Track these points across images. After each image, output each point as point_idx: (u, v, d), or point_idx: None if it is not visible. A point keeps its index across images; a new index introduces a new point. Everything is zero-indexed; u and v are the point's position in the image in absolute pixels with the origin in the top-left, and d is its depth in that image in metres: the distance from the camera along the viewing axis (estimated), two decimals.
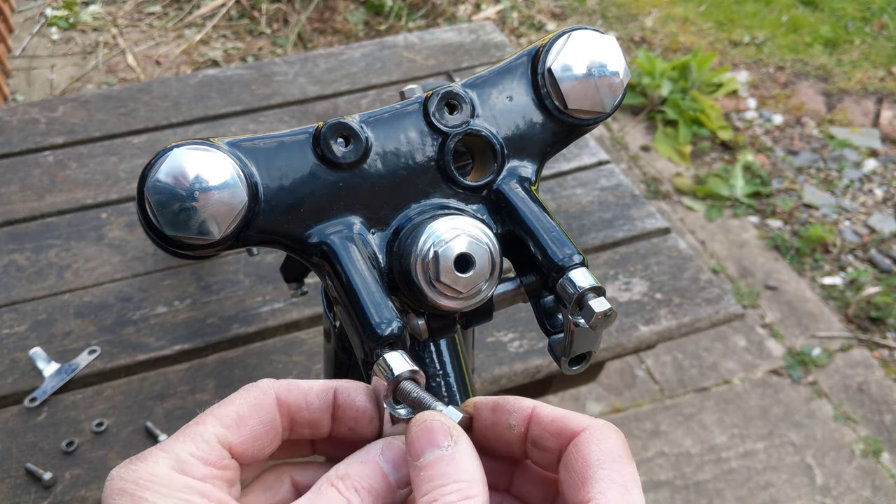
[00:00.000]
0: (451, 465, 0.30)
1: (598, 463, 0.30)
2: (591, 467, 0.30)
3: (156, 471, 0.29)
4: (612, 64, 0.43)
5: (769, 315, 1.97)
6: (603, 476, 0.29)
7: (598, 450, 0.30)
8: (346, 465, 0.32)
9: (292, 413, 0.34)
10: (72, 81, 2.53)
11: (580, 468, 0.30)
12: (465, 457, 0.30)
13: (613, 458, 0.30)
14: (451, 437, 0.31)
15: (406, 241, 0.39)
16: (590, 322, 0.38)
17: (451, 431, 0.31)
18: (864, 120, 2.63)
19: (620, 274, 1.12)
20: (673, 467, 1.62)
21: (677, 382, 1.79)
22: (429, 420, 0.31)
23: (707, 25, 3.06)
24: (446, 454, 0.30)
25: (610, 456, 0.30)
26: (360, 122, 0.41)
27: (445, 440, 0.30)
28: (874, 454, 1.67)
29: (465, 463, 0.30)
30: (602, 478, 0.29)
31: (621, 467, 0.30)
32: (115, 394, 0.94)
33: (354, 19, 2.89)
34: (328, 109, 1.39)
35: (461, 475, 0.29)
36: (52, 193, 1.20)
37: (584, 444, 0.31)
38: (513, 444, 0.33)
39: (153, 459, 0.30)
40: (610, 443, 0.30)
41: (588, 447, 0.30)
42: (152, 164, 0.36)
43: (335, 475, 0.32)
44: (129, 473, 0.29)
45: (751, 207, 2.29)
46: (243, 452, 0.32)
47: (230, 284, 1.08)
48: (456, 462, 0.30)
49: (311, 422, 0.34)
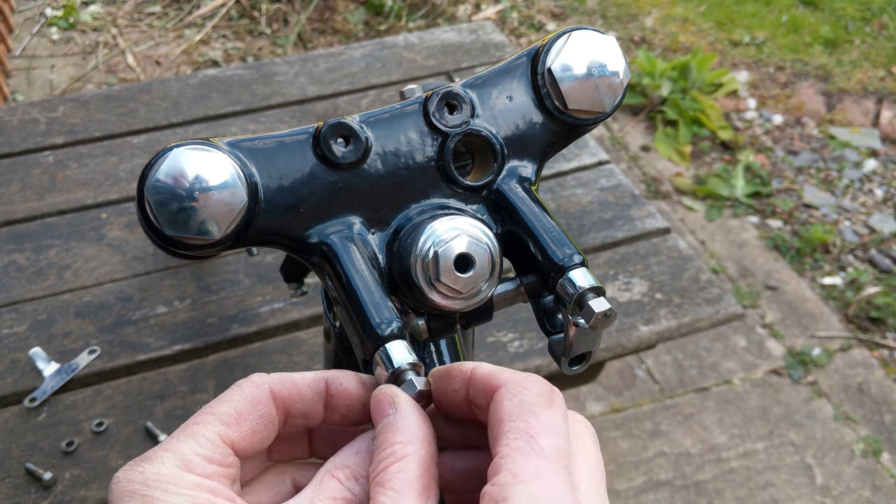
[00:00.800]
0: (391, 431, 0.31)
1: (509, 416, 0.30)
2: (503, 421, 0.30)
3: (163, 470, 0.30)
4: (612, 64, 0.43)
5: (769, 315, 1.97)
6: (510, 428, 0.29)
7: (510, 403, 0.30)
8: (343, 455, 0.33)
9: (287, 405, 0.34)
10: (72, 81, 2.53)
11: (494, 423, 0.30)
12: (403, 420, 0.32)
13: (524, 408, 0.30)
14: (393, 405, 0.32)
15: (406, 241, 0.39)
16: (590, 322, 0.38)
17: (393, 400, 0.32)
18: (864, 120, 2.63)
19: (620, 274, 1.12)
20: (673, 467, 1.62)
21: (677, 382, 1.79)
22: (377, 393, 0.33)
23: (707, 25, 3.06)
24: (389, 421, 0.32)
25: (520, 407, 0.30)
26: (360, 122, 0.41)
27: (389, 408, 0.32)
28: (874, 454, 1.67)
29: (403, 425, 0.31)
30: (508, 430, 0.29)
31: (530, 416, 0.29)
32: (115, 394, 0.94)
33: (354, 19, 2.89)
34: (328, 109, 1.39)
35: (397, 437, 0.31)
36: (52, 193, 1.20)
37: (499, 398, 0.31)
38: (460, 406, 0.34)
39: (159, 460, 0.30)
40: (524, 394, 0.30)
41: (502, 402, 0.30)
42: (152, 164, 0.36)
43: (333, 466, 0.32)
44: (136, 475, 0.29)
45: (751, 207, 2.29)
46: (245, 448, 0.33)
47: (230, 284, 1.08)
48: (395, 426, 0.31)
49: (304, 412, 0.35)
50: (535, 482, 0.27)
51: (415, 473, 0.30)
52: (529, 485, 0.27)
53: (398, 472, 0.30)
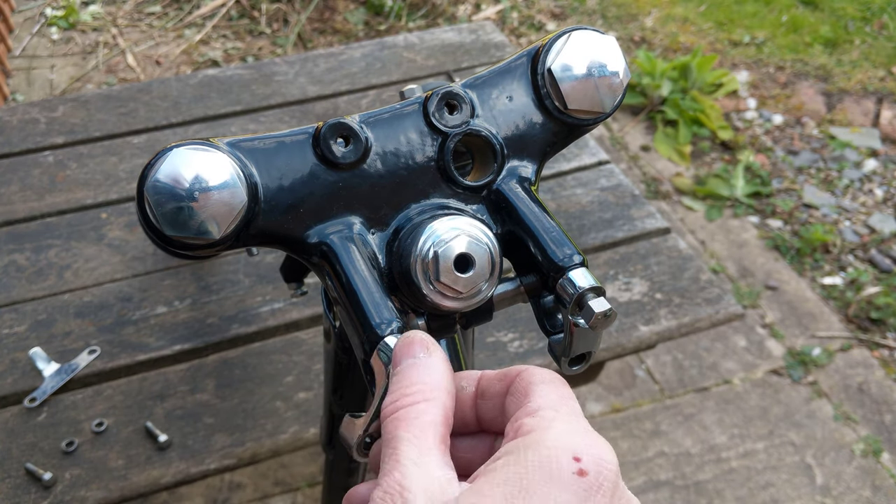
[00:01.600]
0: (420, 370, 0.32)
1: (540, 380, 0.32)
2: (534, 384, 0.32)
3: None
4: (612, 64, 0.43)
5: (769, 315, 1.97)
6: (543, 389, 0.31)
7: (540, 376, 0.32)
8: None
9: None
10: (72, 81, 2.53)
11: (524, 386, 0.32)
12: (435, 365, 0.32)
13: (553, 380, 0.32)
14: (427, 350, 0.33)
15: (406, 241, 0.39)
16: (590, 322, 0.38)
17: (427, 345, 0.33)
18: (864, 120, 2.63)
19: (620, 274, 1.12)
20: (673, 467, 1.62)
21: (677, 382, 1.79)
22: (410, 335, 0.33)
23: (707, 25, 3.06)
24: (419, 361, 0.32)
25: (550, 378, 0.32)
26: (360, 122, 0.41)
27: (421, 351, 0.33)
28: (874, 454, 1.67)
29: (433, 369, 0.32)
30: (542, 390, 0.31)
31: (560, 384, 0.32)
32: (115, 394, 0.94)
33: (354, 19, 2.89)
34: (328, 109, 1.39)
35: (425, 378, 0.31)
36: (52, 193, 1.20)
37: (527, 373, 0.32)
38: (466, 406, 0.34)
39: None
40: (550, 375, 0.32)
41: (531, 375, 0.32)
42: (152, 164, 0.36)
43: None
44: None
45: (751, 207, 2.29)
46: None
47: (230, 284, 1.07)
48: (425, 367, 0.32)
49: None
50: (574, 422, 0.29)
51: (437, 420, 0.30)
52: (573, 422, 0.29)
53: (423, 413, 0.30)
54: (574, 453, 0.27)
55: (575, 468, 0.26)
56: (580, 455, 0.27)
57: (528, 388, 0.31)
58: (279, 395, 0.94)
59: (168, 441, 0.89)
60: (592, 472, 0.26)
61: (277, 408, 0.93)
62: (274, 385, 0.96)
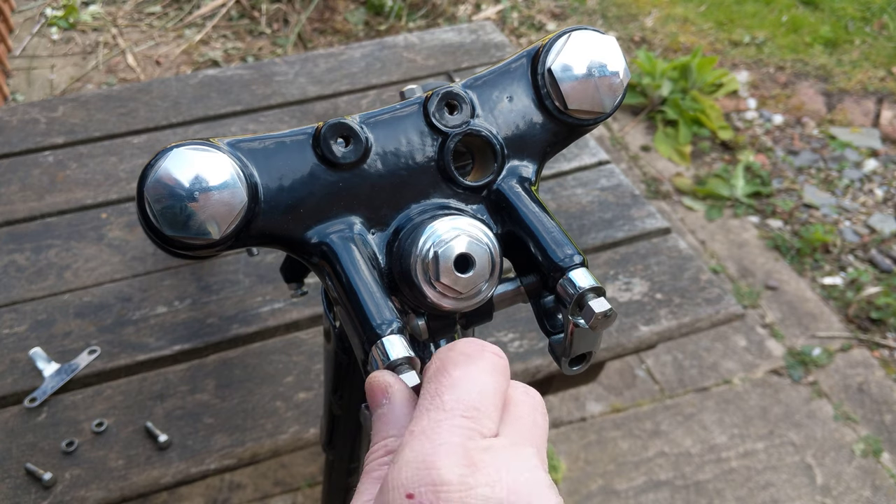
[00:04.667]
0: (384, 422, 0.32)
1: (427, 380, 0.32)
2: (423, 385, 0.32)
3: None
4: (612, 64, 0.43)
5: (769, 315, 1.97)
6: (424, 391, 0.31)
7: (433, 367, 0.32)
8: None
9: None
10: (72, 81, 2.53)
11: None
12: (396, 413, 0.32)
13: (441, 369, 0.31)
14: (387, 396, 0.33)
15: (406, 241, 0.39)
16: (590, 322, 0.38)
17: (386, 390, 0.33)
18: (864, 120, 2.63)
19: (620, 274, 1.12)
20: (673, 467, 1.62)
21: (677, 382, 1.79)
22: (371, 379, 0.34)
23: (707, 25, 3.06)
24: (383, 412, 0.33)
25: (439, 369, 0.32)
26: (360, 122, 0.41)
27: (383, 398, 0.33)
28: (874, 454, 1.67)
29: (395, 419, 0.32)
30: (423, 393, 0.31)
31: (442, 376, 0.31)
32: (115, 394, 0.94)
33: (354, 19, 2.89)
34: (328, 109, 1.39)
35: (390, 431, 0.32)
36: (52, 193, 1.20)
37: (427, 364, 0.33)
38: None
39: None
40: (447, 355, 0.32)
41: (427, 368, 0.32)
42: (152, 164, 0.36)
43: None
44: None
45: (751, 207, 2.29)
46: None
47: (230, 284, 1.07)
48: (387, 419, 0.32)
49: None
50: (423, 435, 0.28)
51: None
52: (417, 438, 0.28)
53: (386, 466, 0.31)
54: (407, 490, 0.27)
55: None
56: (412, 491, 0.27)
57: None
58: (279, 396, 0.94)
59: (168, 441, 0.89)
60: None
61: (277, 408, 0.93)
62: (274, 385, 0.96)
